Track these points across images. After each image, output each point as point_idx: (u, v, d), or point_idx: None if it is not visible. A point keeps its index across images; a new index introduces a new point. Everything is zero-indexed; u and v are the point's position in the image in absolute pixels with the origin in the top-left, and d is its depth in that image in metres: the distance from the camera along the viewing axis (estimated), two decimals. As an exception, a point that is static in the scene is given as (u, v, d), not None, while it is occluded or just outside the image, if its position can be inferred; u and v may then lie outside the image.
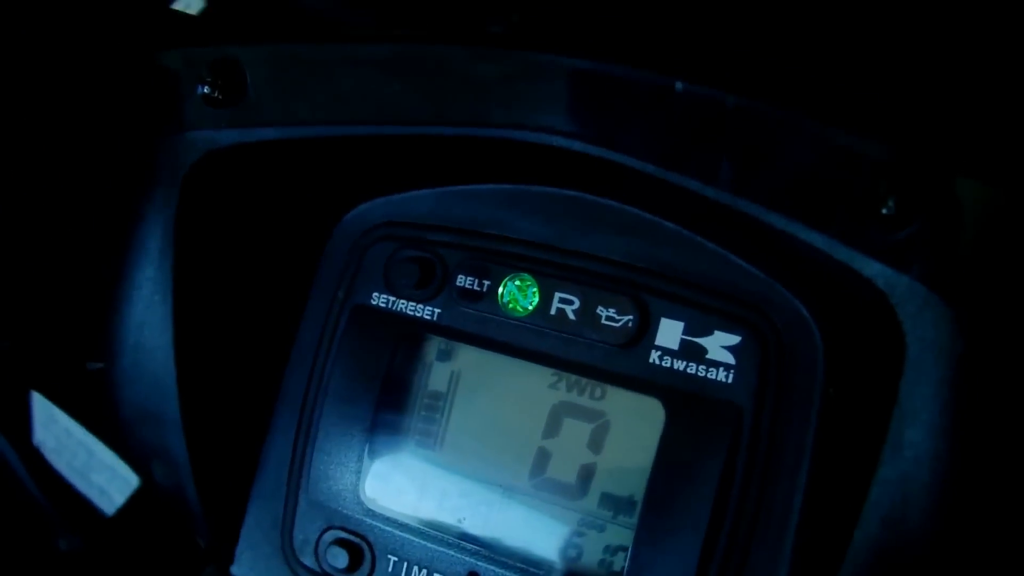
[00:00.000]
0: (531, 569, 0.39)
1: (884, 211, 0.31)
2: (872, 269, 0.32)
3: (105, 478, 0.76)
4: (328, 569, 0.42)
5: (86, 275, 0.42)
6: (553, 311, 0.40)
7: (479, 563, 0.40)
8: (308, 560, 0.42)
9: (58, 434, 0.78)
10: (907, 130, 0.32)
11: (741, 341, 0.37)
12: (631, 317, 0.38)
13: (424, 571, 0.40)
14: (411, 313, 0.41)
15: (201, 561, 0.44)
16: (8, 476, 0.79)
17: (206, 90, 0.40)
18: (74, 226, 0.41)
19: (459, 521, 0.40)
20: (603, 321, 0.39)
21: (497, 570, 0.39)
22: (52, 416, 0.54)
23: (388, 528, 0.41)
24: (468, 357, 0.41)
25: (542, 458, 0.40)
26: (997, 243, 0.31)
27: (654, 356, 0.38)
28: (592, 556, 0.39)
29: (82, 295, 0.42)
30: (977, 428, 0.31)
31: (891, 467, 0.32)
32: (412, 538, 0.41)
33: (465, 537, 0.40)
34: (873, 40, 0.37)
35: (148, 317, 0.41)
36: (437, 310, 0.41)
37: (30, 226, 0.40)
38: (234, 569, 0.43)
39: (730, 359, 0.37)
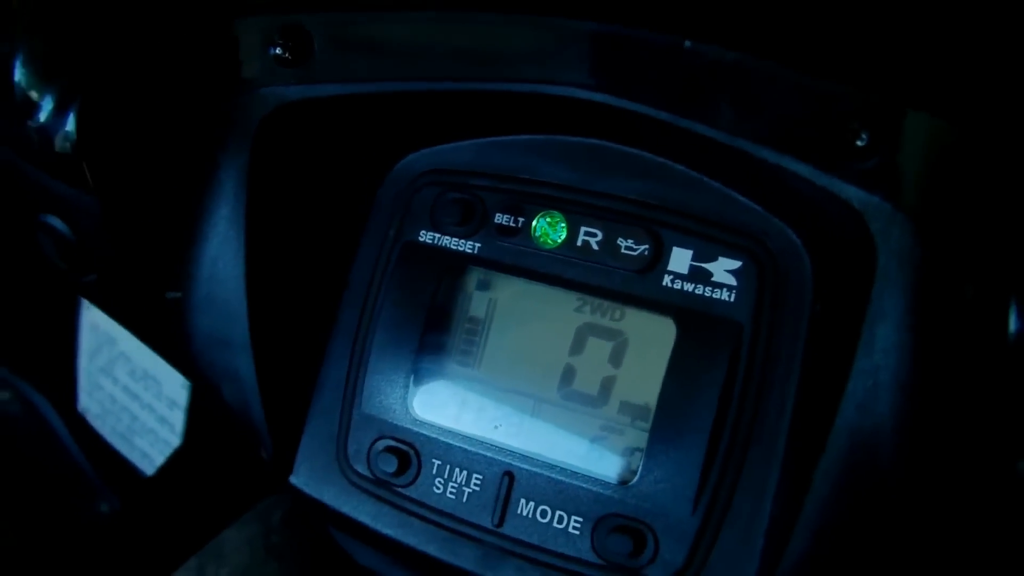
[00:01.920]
0: (559, 467, 0.47)
1: (858, 143, 0.39)
2: (849, 192, 0.40)
3: (148, 441, 0.84)
4: (379, 474, 0.49)
5: (168, 215, 0.50)
6: (579, 243, 0.47)
7: (513, 463, 0.47)
8: (360, 467, 0.50)
9: (102, 400, 0.86)
10: (874, 78, 0.40)
11: (741, 265, 0.45)
12: (646, 247, 0.46)
13: (464, 472, 0.48)
14: (454, 248, 0.49)
15: (264, 472, 0.51)
16: (52, 441, 0.87)
17: (277, 51, 0.48)
18: (160, 171, 0.49)
19: (495, 428, 0.48)
20: (622, 251, 0.46)
21: (529, 469, 0.47)
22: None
23: (433, 436, 0.48)
24: (504, 286, 0.49)
25: (568, 373, 0.47)
26: (948, 166, 0.39)
27: (667, 280, 0.46)
28: (612, 456, 0.46)
29: (164, 233, 0.50)
30: (935, 322, 0.39)
31: (865, 360, 0.40)
32: (454, 443, 0.48)
33: (500, 442, 0.48)
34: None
35: (222, 252, 0.49)
36: (477, 244, 0.49)
37: (123, 172, 0.48)
38: (293, 479, 0.51)
39: (732, 281, 0.45)
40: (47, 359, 0.89)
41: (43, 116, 0.47)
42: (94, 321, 0.85)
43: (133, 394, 0.84)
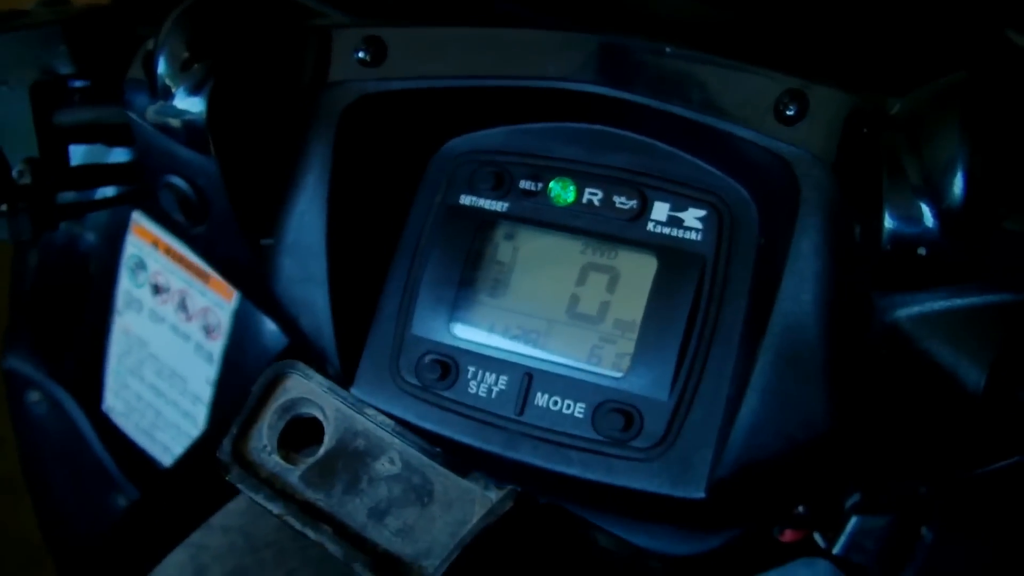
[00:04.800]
0: (567, 367, 0.65)
1: (787, 113, 0.60)
2: (782, 149, 0.60)
3: (169, 435, 1.01)
4: (425, 381, 0.67)
5: (268, 178, 0.69)
6: (584, 201, 0.66)
7: (532, 366, 0.65)
8: (410, 377, 0.67)
9: (128, 399, 1.03)
10: (797, 65, 0.61)
11: (706, 214, 0.64)
12: (635, 202, 0.65)
13: (493, 375, 0.66)
14: (488, 207, 0.68)
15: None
16: (76, 438, 1.04)
17: (360, 55, 0.68)
18: (265, 144, 0.69)
19: (517, 342, 0.67)
20: (617, 206, 0.65)
21: (544, 370, 0.64)
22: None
23: (469, 349, 0.65)
24: (526, 235, 0.66)
25: (574, 299, 0.64)
26: (852, 126, 0.59)
27: (650, 226, 0.64)
28: (607, 360, 0.63)
29: (264, 192, 0.69)
30: (840, 235, 0.59)
31: (792, 265, 0.59)
32: (485, 354, 0.66)
33: (522, 352, 0.66)
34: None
35: (309, 207, 0.67)
36: (506, 204, 0.67)
37: (238, 143, 0.68)
38: (354, 389, 0.69)
39: (699, 225, 0.64)
40: (77, 362, 1.06)
41: (179, 97, 0.66)
42: (126, 326, 1.03)
43: (159, 391, 1.01)
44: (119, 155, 0.84)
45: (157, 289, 0.99)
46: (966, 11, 0.78)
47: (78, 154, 0.72)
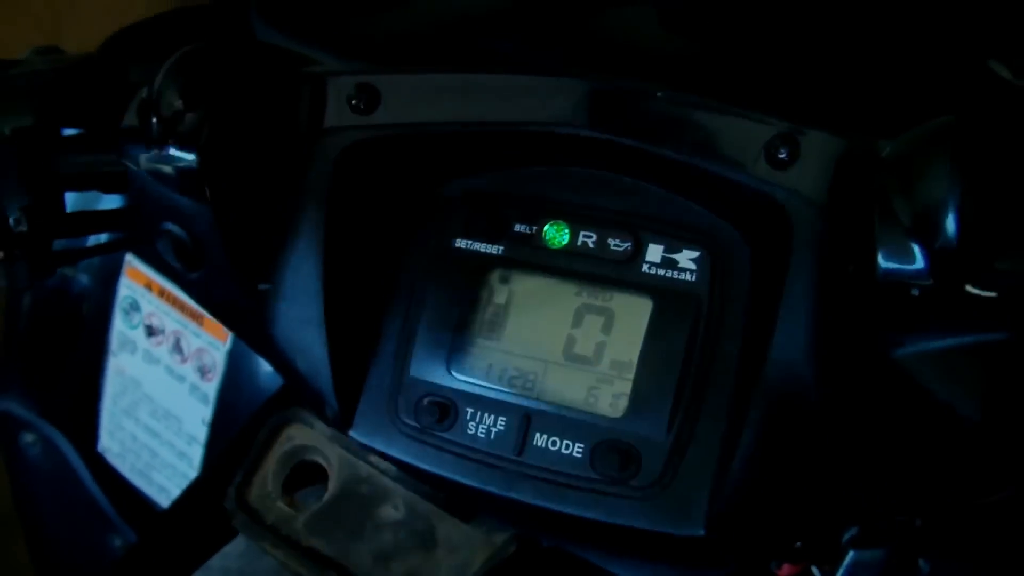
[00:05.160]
0: (565, 408, 0.66)
1: (779, 156, 0.61)
2: (775, 192, 0.61)
3: (165, 476, 1.02)
4: (423, 423, 0.67)
5: (264, 223, 0.70)
6: (579, 243, 0.67)
7: (530, 407, 0.66)
8: (408, 419, 0.67)
9: (123, 439, 1.04)
10: (788, 110, 0.62)
11: (700, 255, 0.65)
12: (629, 244, 0.66)
13: (492, 416, 0.66)
14: (483, 251, 0.69)
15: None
16: (72, 480, 1.04)
17: (354, 102, 0.69)
18: (260, 190, 0.69)
19: (514, 384, 0.68)
20: (611, 248, 0.66)
21: (542, 410, 0.65)
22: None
23: (467, 391, 0.66)
24: (521, 278, 0.67)
25: (570, 341, 0.65)
26: (843, 169, 0.60)
27: (645, 268, 0.65)
28: (605, 400, 0.64)
29: (260, 237, 0.70)
30: (833, 280, 0.59)
31: (786, 311, 0.60)
32: (483, 395, 0.66)
33: (520, 394, 0.66)
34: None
35: (304, 253, 0.68)
36: (501, 247, 0.68)
37: (233, 190, 0.69)
38: (352, 432, 0.69)
39: (693, 267, 0.65)
40: (72, 403, 1.07)
41: (174, 146, 0.67)
42: (120, 367, 1.03)
43: (154, 432, 1.02)
44: (111, 201, 0.84)
45: (151, 331, 1.00)
46: (948, 44, 0.79)
47: (70, 201, 0.72)
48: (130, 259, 1.01)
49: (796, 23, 0.82)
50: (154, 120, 0.65)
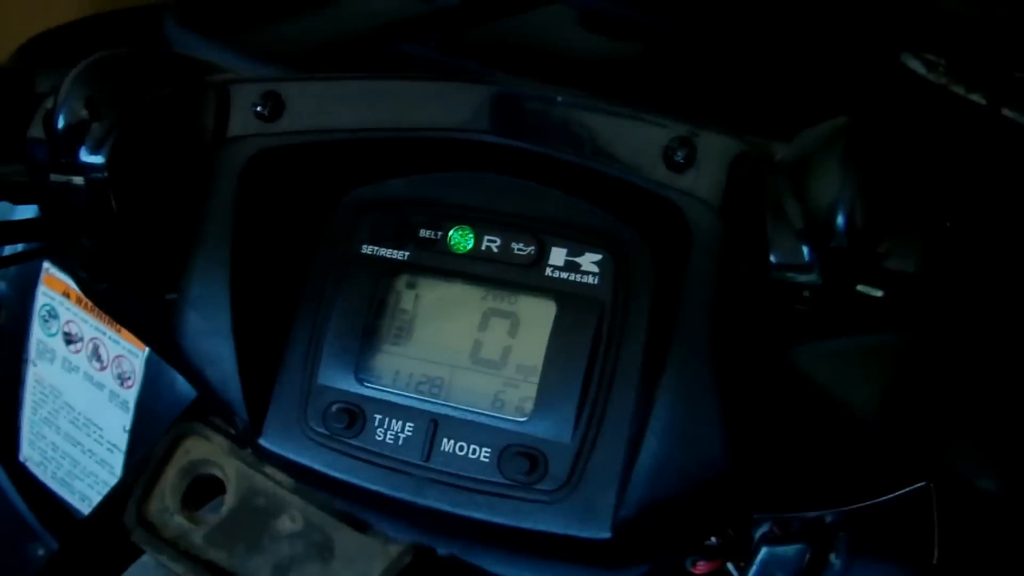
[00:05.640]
0: (471, 412, 0.66)
1: (677, 158, 0.62)
2: (672, 195, 0.62)
3: (87, 484, 1.01)
4: (332, 430, 0.67)
5: (170, 233, 0.70)
6: (483, 248, 0.68)
7: (437, 412, 0.66)
8: (317, 426, 0.68)
9: (44, 448, 1.03)
10: (684, 114, 0.63)
11: (602, 258, 0.66)
12: (533, 248, 0.67)
13: (399, 422, 0.67)
14: (389, 257, 0.69)
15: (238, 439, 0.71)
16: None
17: (258, 109, 0.69)
18: (166, 199, 0.70)
19: (422, 389, 0.68)
20: (515, 252, 0.67)
21: (449, 415, 0.65)
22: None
23: (374, 396, 0.67)
24: (427, 283, 0.68)
25: (477, 345, 0.66)
26: (738, 171, 0.62)
27: (548, 271, 0.66)
28: (511, 404, 0.65)
29: (166, 247, 0.70)
30: (729, 279, 0.61)
31: (685, 310, 0.61)
32: (391, 401, 0.67)
33: (427, 399, 0.67)
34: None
35: (211, 261, 0.68)
36: (407, 253, 0.69)
37: (139, 199, 0.69)
38: (262, 440, 0.69)
39: (596, 269, 0.65)
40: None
41: (80, 155, 0.67)
42: (39, 375, 1.03)
43: (75, 440, 1.01)
44: (27, 211, 0.84)
45: (70, 338, 1.00)
46: (862, 37, 0.81)
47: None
48: (48, 267, 1.01)
49: (712, 21, 0.83)
50: (59, 129, 0.65)
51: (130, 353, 0.95)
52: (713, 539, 0.71)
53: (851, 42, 0.81)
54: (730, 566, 0.71)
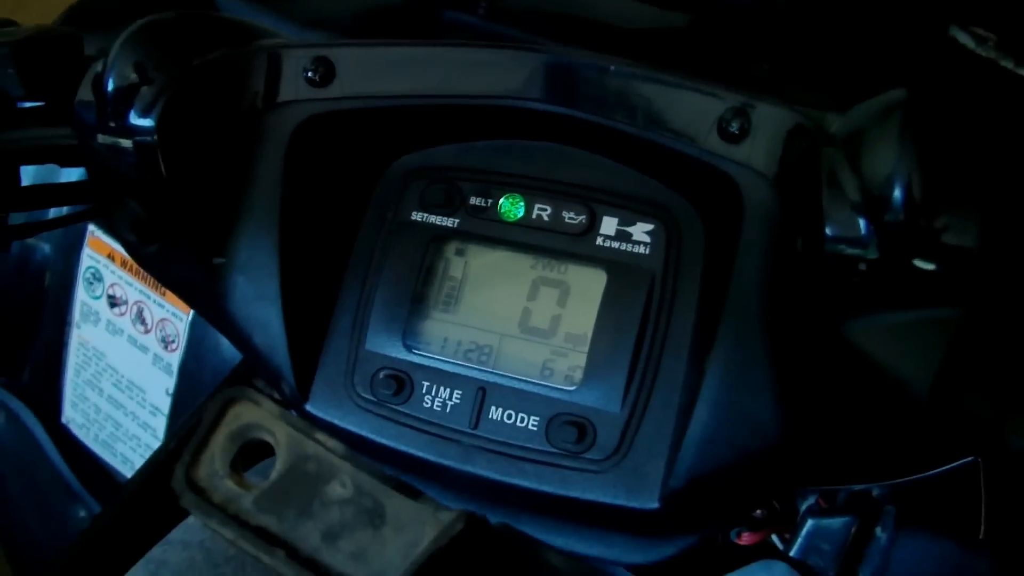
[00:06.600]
0: (520, 381, 0.67)
1: (731, 130, 0.62)
2: (726, 166, 0.62)
3: (130, 447, 1.03)
4: (380, 396, 0.69)
5: (219, 197, 0.70)
6: (534, 216, 0.68)
7: (486, 380, 0.67)
8: (365, 392, 0.69)
9: (87, 411, 1.05)
10: (740, 84, 0.63)
11: (653, 228, 0.66)
12: (584, 217, 0.67)
13: (447, 389, 0.68)
14: (439, 223, 0.70)
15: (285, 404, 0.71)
16: (35, 452, 1.05)
17: (309, 75, 0.69)
18: (216, 163, 0.70)
19: (470, 357, 0.69)
20: (566, 221, 0.68)
21: (498, 383, 0.66)
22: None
23: (423, 363, 0.68)
24: (476, 251, 0.68)
25: (526, 313, 0.67)
26: (793, 142, 0.61)
27: (599, 241, 0.67)
28: (560, 373, 0.66)
29: (215, 211, 0.71)
30: (782, 251, 0.61)
31: (737, 280, 0.61)
32: (439, 368, 0.68)
33: (475, 367, 0.67)
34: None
35: (260, 227, 0.69)
36: (457, 220, 0.69)
37: (189, 163, 0.70)
38: (308, 406, 0.71)
39: (647, 239, 0.66)
40: (35, 375, 1.08)
41: (129, 119, 0.68)
42: (83, 338, 1.04)
43: (117, 403, 1.02)
44: (72, 173, 0.85)
45: (114, 301, 1.01)
46: (911, 9, 0.80)
47: (28, 173, 0.73)
48: (92, 229, 1.02)
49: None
50: (108, 93, 0.66)
51: (174, 316, 0.96)
52: (758, 511, 0.71)
53: (899, 14, 0.80)
54: (775, 538, 0.71)
